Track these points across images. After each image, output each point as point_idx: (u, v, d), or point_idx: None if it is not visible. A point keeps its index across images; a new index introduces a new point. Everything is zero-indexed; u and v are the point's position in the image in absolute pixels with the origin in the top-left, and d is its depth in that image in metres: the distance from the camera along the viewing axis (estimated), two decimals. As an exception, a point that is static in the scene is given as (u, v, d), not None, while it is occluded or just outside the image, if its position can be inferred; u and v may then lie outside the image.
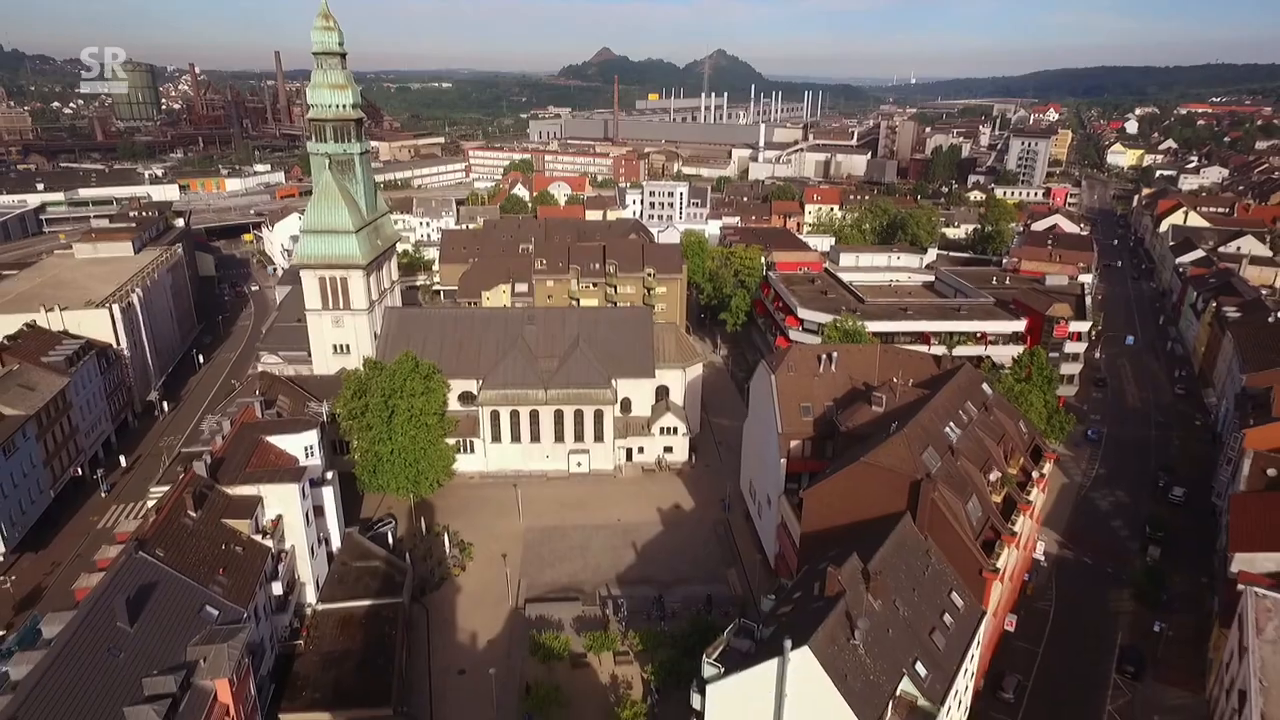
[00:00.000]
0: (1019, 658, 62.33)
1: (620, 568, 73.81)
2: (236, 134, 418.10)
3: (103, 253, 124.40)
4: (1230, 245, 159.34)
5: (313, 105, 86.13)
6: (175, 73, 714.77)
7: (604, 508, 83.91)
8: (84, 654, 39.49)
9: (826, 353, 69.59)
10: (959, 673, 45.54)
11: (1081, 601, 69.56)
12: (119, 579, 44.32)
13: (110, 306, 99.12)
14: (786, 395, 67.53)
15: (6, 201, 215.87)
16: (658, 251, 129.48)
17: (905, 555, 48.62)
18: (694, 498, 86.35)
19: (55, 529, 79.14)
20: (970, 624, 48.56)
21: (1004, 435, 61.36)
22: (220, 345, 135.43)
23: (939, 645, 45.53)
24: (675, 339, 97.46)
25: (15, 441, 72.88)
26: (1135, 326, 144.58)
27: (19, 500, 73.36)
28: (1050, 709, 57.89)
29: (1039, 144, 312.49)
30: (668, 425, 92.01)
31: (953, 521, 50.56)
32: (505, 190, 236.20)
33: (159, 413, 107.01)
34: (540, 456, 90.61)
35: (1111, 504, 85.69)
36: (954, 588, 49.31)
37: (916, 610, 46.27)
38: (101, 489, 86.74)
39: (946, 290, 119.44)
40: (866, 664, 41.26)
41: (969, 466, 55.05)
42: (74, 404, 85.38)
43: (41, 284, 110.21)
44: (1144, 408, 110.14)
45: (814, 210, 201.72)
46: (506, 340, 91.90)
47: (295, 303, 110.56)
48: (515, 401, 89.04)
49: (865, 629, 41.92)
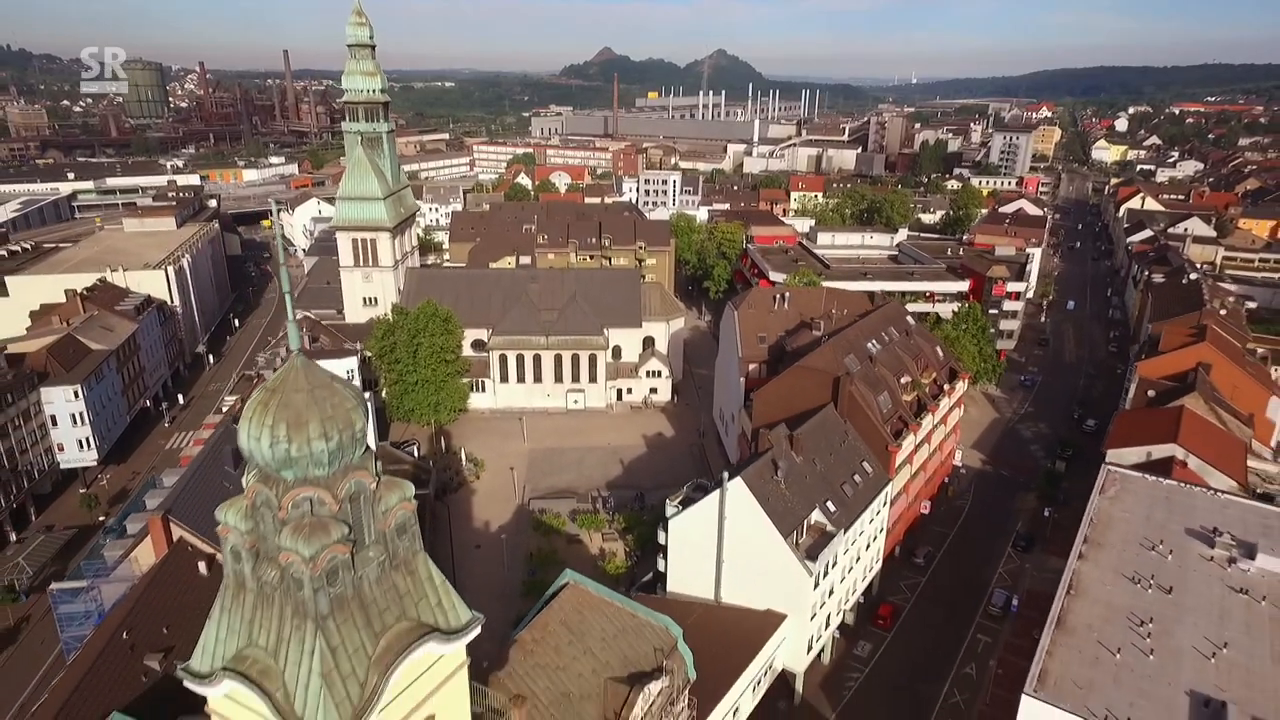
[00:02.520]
0: (933, 537, 76.16)
1: (609, 476, 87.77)
2: (246, 130, 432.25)
3: (149, 227, 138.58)
4: (1178, 227, 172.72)
5: (347, 90, 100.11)
6: (180, 72, 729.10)
7: (597, 435, 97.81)
8: (207, 477, 53.40)
9: (780, 293, 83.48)
10: (862, 516, 59.39)
11: (993, 501, 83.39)
12: (223, 437, 58.28)
13: (165, 268, 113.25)
14: (747, 327, 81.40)
15: (41, 189, 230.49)
16: (649, 227, 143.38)
17: (826, 431, 62.43)
18: (674, 428, 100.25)
19: (130, 448, 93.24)
20: (877, 486, 62.38)
21: (919, 354, 75.14)
22: (251, 313, 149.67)
23: (848, 494, 59.37)
24: (660, 296, 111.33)
25: (102, 370, 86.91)
26: (1086, 299, 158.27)
27: (105, 420, 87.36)
28: (952, 572, 71.69)
29: (1020, 138, 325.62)
30: (653, 369, 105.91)
31: (866, 409, 64.37)
32: (509, 180, 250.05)
33: (206, 364, 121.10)
34: (542, 395, 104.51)
35: (1033, 433, 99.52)
36: (865, 458, 63.12)
37: (832, 469, 60.09)
38: (165, 420, 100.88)
39: (907, 261, 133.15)
40: (786, 495, 55.10)
41: (884, 372, 68.87)
42: (141, 347, 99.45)
43: (100, 251, 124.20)
44: (1078, 362, 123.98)
45: (798, 197, 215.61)
46: (513, 296, 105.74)
47: (322, 270, 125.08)
48: (521, 347, 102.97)
49: (785, 471, 55.75)
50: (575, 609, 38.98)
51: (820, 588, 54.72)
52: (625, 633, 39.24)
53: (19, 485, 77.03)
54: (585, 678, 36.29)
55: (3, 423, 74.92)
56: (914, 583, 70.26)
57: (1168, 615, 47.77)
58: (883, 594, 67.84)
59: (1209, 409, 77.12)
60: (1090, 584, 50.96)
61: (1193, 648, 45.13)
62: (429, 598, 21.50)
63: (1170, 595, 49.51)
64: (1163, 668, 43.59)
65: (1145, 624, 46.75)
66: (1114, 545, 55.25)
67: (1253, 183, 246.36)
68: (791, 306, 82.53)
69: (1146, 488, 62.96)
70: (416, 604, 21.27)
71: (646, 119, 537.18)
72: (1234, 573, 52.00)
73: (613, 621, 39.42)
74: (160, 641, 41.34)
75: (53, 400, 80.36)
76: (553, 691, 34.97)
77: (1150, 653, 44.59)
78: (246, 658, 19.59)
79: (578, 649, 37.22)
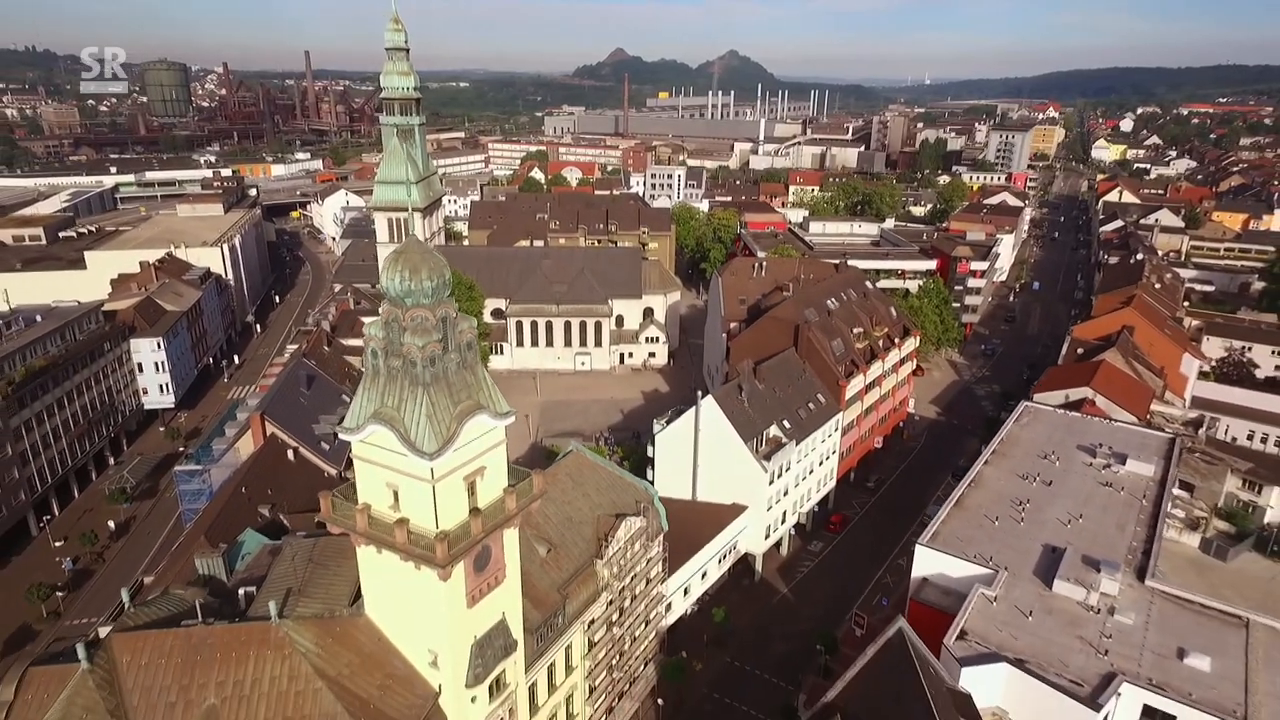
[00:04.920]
0: (886, 469, 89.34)
1: (611, 423, 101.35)
2: (269, 129, 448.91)
3: (200, 212, 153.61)
4: (1149, 217, 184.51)
5: (385, 88, 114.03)
6: (200, 72, 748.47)
7: (601, 391, 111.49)
8: (286, 395, 67.38)
9: (759, 262, 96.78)
10: (814, 435, 72.67)
11: (942, 444, 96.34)
12: (298, 365, 72.29)
13: (221, 246, 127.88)
14: (729, 291, 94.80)
15: (87, 182, 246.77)
16: (651, 214, 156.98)
17: (786, 368, 75.76)
18: (670, 386, 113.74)
19: (197, 398, 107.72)
20: (828, 414, 75.62)
21: (874, 312, 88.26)
22: (289, 291, 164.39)
23: (802, 417, 72.71)
24: (659, 272, 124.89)
25: (176, 328, 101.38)
26: (1058, 283, 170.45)
27: (180, 370, 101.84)
28: (898, 495, 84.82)
29: (1016, 136, 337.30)
30: (651, 335, 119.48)
31: (821, 352, 77.63)
32: (523, 175, 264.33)
33: (254, 332, 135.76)
34: (553, 357, 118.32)
35: (987, 392, 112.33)
36: (820, 391, 76.40)
37: (790, 397, 73.41)
38: (225, 376, 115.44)
39: (887, 245, 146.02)
40: (749, 412, 68.48)
41: (840, 324, 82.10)
42: (204, 312, 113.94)
43: (160, 232, 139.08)
44: (1040, 335, 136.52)
45: (796, 191, 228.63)
46: (528, 270, 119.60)
47: (355, 250, 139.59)
48: (535, 315, 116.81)
49: (749, 394, 69.15)
50: (577, 468, 52.54)
51: (775, 485, 68.09)
52: (614, 487, 52.74)
53: (115, 420, 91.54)
54: (583, 510, 49.79)
55: (102, 367, 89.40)
56: (864, 501, 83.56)
57: (1043, 498, 60.95)
58: (837, 507, 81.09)
59: (1126, 362, 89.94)
60: (989, 479, 64.13)
61: (1055, 519, 58.33)
62: (484, 390, 34.75)
63: (1050, 487, 62.71)
64: (1027, 530, 56.82)
65: (1023, 504, 59.95)
66: (1015, 455, 68.34)
67: (1235, 180, 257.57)
68: (768, 274, 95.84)
69: (1054, 417, 76.13)
70: (477, 393, 34.50)
71: (656, 118, 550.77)
72: (1106, 474, 65.17)
73: (605, 479, 52.95)
74: (267, 498, 55.29)
75: (139, 350, 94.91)
76: (559, 516, 48.48)
77: (1021, 520, 57.85)
78: (381, 413, 32.89)
79: (578, 493, 50.74)
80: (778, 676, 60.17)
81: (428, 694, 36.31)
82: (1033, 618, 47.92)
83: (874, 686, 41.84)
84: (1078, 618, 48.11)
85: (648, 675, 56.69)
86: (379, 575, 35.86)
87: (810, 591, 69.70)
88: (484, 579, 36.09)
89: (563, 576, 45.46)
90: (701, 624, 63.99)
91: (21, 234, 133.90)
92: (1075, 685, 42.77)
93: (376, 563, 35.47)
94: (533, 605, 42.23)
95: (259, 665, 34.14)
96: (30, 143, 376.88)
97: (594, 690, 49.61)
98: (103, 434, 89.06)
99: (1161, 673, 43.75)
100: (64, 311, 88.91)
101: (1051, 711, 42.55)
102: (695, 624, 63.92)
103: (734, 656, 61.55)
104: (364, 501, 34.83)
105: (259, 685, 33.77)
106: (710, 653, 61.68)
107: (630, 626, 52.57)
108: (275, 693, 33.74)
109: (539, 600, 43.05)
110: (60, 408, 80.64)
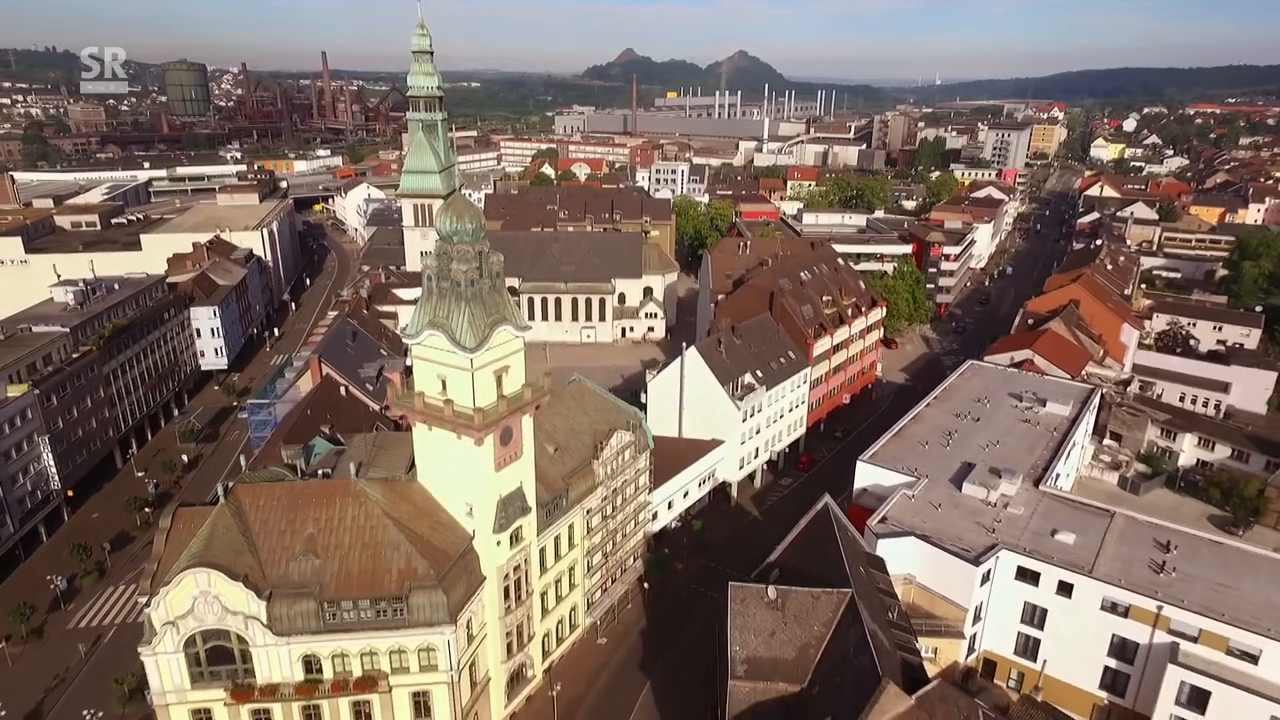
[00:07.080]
0: (853, 423, 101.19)
1: (612, 386, 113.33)
2: (287, 127, 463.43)
3: (237, 201, 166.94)
4: (1125, 210, 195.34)
5: (411, 87, 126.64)
6: (216, 72, 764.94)
7: (605, 360, 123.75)
8: (336, 347, 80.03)
9: (744, 241, 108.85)
10: (784, 384, 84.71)
11: (907, 404, 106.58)
12: (343, 323, 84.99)
13: (261, 230, 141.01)
14: (717, 267, 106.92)
15: (123, 176, 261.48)
16: (653, 204, 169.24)
17: (761, 328, 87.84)
18: (666, 356, 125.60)
19: (245, 363, 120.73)
20: (797, 367, 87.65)
21: (844, 284, 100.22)
22: (318, 275, 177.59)
23: (774, 369, 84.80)
24: (658, 255, 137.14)
25: (228, 300, 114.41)
26: (1036, 270, 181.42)
27: (231, 337, 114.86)
28: (863, 443, 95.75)
29: (1012, 135, 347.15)
30: (650, 312, 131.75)
31: (793, 315, 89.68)
32: (534, 170, 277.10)
33: (289, 310, 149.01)
34: (562, 330, 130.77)
35: (952, 362, 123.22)
36: (790, 349, 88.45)
37: (764, 352, 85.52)
38: (267, 345, 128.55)
39: (871, 233, 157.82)
40: (726, 362, 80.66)
41: (811, 292, 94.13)
42: (249, 288, 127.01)
43: (204, 218, 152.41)
44: (1010, 315, 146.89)
45: (794, 185, 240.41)
46: (539, 252, 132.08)
47: (380, 237, 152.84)
48: (545, 291, 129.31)
49: (727, 346, 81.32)
50: (580, 393, 64.90)
51: (747, 424, 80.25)
52: (610, 410, 65.07)
53: (178, 378, 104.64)
54: (583, 423, 62.12)
55: (166, 331, 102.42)
56: (832, 448, 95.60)
57: (969, 430, 72.94)
58: (807, 450, 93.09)
59: (1069, 330, 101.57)
60: (928, 417, 76.23)
61: (977, 444, 70.34)
62: (509, 308, 47.20)
63: (978, 422, 74.69)
64: (952, 451, 68.85)
65: (953, 434, 72.01)
66: (954, 400, 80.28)
67: (1221, 176, 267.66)
68: (753, 251, 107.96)
69: (994, 372, 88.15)
70: (503, 309, 46.85)
71: (664, 117, 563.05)
72: (1028, 414, 77.01)
73: (603, 403, 65.30)
74: (327, 420, 67.84)
75: (198, 317, 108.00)
76: (564, 426, 60.79)
77: (947, 445, 69.92)
78: (435, 320, 45.28)
79: (579, 411, 63.08)
80: (746, 576, 72.09)
81: (465, 536, 48.80)
82: (941, 509, 60.00)
83: (804, 548, 54.03)
84: (978, 510, 60.16)
85: (636, 567, 69.00)
86: (429, 447, 48.44)
87: (779, 515, 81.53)
88: (507, 451, 48.58)
89: (567, 469, 57.83)
90: (684, 535, 76.29)
91: (79, 220, 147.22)
92: (964, 552, 54.81)
93: (427, 438, 48.06)
94: (544, 487, 54.64)
95: (343, 508, 46.71)
96: (60, 140, 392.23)
97: (591, 568, 61.95)
98: (169, 389, 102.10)
99: (1034, 544, 55.75)
100: (135, 282, 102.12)
101: (945, 572, 54.67)
102: (678, 536, 76.22)
103: (710, 560, 73.67)
104: (419, 389, 47.41)
105: (344, 521, 46.32)
106: (690, 556, 73.92)
107: (622, 522, 64.89)
108: (355, 526, 46.29)
109: (548, 484, 55.44)
110: (137, 361, 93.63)
